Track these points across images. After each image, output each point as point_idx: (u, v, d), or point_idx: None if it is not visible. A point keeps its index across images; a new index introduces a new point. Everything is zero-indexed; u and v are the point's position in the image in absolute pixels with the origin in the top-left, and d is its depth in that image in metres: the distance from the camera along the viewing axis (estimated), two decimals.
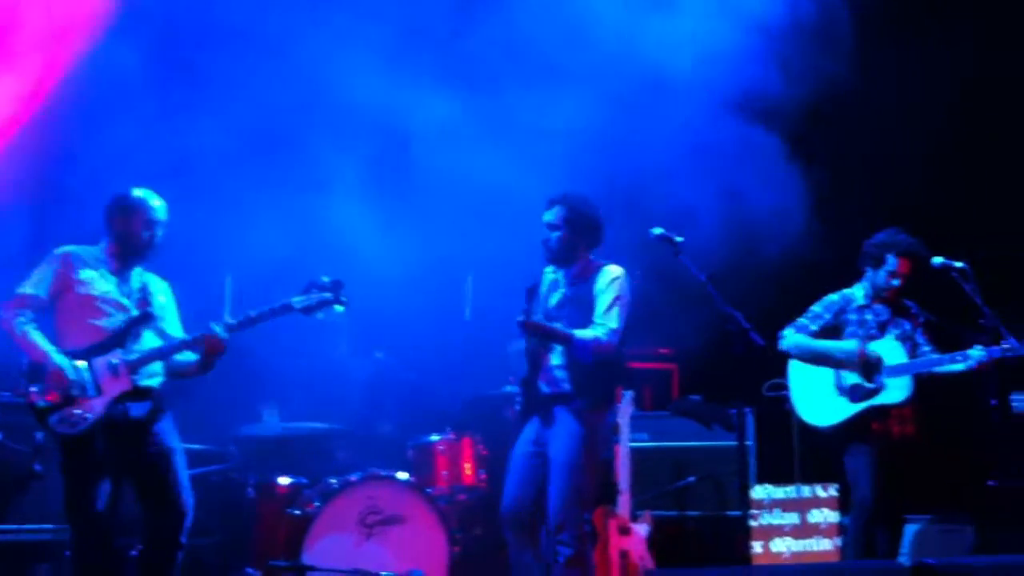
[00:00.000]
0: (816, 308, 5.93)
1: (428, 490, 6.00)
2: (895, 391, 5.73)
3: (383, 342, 6.93)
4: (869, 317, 5.89)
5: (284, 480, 6.14)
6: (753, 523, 6.58)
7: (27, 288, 4.99)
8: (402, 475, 6.00)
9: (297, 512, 5.89)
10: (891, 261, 5.83)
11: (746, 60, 7.01)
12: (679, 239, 5.12)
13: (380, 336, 6.98)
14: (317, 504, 5.79)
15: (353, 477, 5.91)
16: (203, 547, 5.97)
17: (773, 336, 5.78)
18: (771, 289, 6.53)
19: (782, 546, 6.70)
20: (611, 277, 5.26)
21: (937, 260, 5.85)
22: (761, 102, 7.10)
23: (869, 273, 5.90)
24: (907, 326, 5.90)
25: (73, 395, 4.80)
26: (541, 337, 5.17)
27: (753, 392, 6.47)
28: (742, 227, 7.08)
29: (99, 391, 4.84)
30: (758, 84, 7.08)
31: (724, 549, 6.73)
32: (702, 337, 5.61)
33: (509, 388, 6.47)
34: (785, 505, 6.72)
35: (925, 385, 5.84)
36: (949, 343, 5.87)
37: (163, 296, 5.20)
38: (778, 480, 6.74)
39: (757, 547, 6.64)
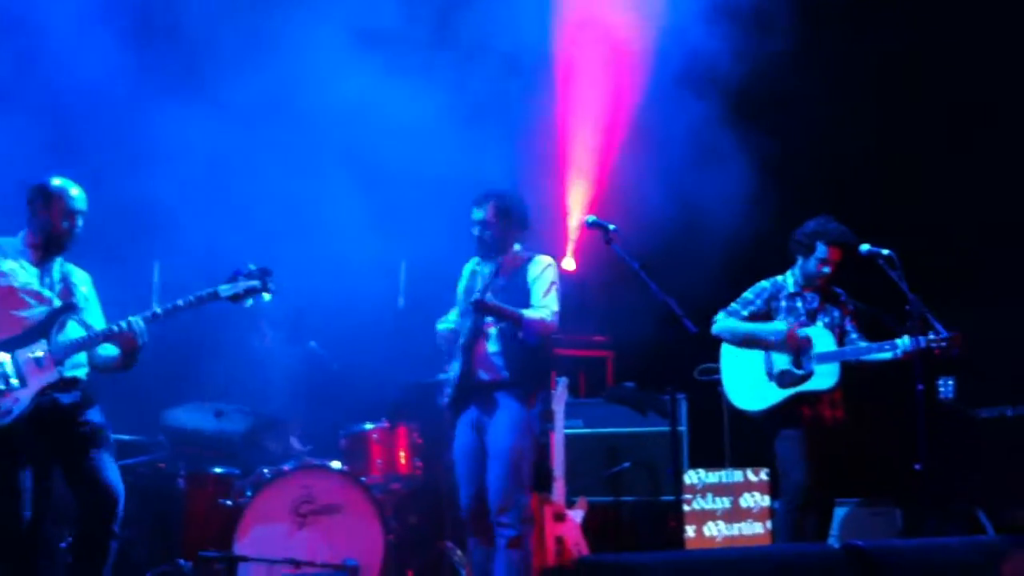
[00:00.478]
0: (747, 294, 5.97)
1: (362, 479, 5.95)
2: (824, 377, 5.80)
3: (316, 331, 6.86)
4: (799, 304, 5.95)
5: (215, 470, 6.06)
6: (686, 508, 6.64)
7: None
8: (336, 464, 5.96)
9: (229, 502, 5.82)
10: (821, 249, 5.88)
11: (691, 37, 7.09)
12: (612, 227, 5.14)
13: (313, 325, 6.91)
14: (249, 494, 5.73)
15: (286, 467, 5.85)
16: (132, 539, 5.87)
17: (709, 323, 5.84)
18: (711, 275, 6.57)
19: (715, 530, 6.77)
20: (544, 265, 5.37)
21: (864, 247, 5.92)
22: (704, 81, 7.18)
23: (800, 261, 5.95)
24: (836, 314, 5.96)
25: None
26: (495, 315, 5.22)
27: (686, 379, 6.53)
28: (684, 212, 7.13)
29: (24, 383, 4.75)
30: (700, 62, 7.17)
31: (658, 534, 6.79)
32: (637, 324, 5.63)
33: (444, 376, 6.44)
34: (717, 490, 6.79)
35: (852, 370, 5.93)
36: (877, 331, 5.97)
37: (85, 287, 5.11)
38: (710, 465, 6.81)
39: (690, 531, 6.71)
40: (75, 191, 5.01)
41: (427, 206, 6.88)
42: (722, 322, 5.89)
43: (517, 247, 5.44)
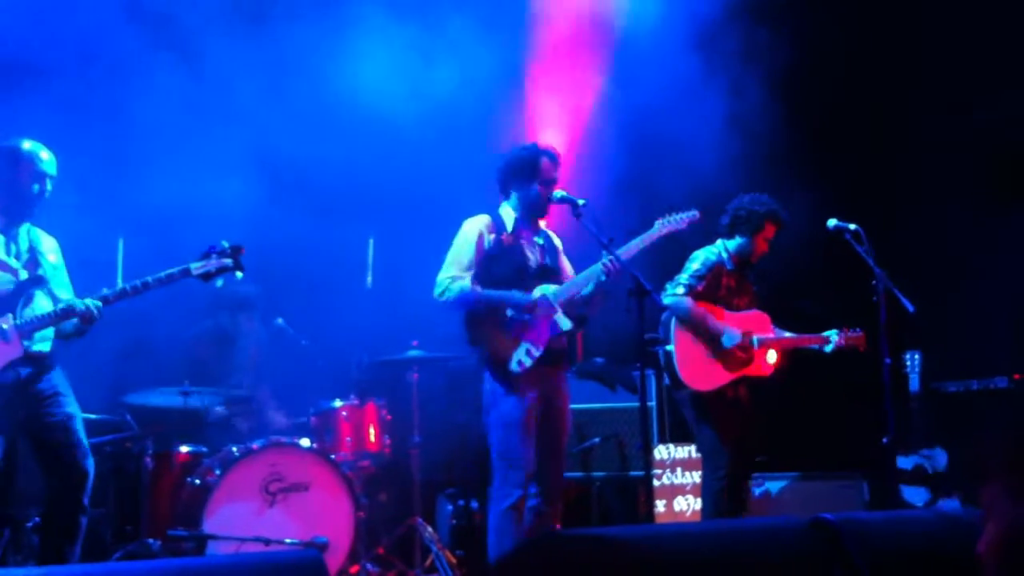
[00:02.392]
0: (698, 268, 5.89)
1: (332, 456, 5.94)
2: (765, 363, 5.93)
3: (283, 308, 6.83)
4: (734, 283, 5.97)
5: (183, 449, 6.02)
6: (656, 483, 6.67)
7: None
8: (305, 442, 5.93)
9: (197, 481, 5.78)
10: (768, 228, 5.89)
11: None
12: (581, 201, 5.10)
13: (280, 302, 6.87)
14: (218, 472, 5.69)
15: (255, 445, 5.81)
16: (99, 518, 5.83)
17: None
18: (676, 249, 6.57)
19: (684, 504, 6.81)
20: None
21: (831, 222, 5.96)
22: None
23: (740, 238, 5.92)
24: (755, 289, 6.06)
25: None
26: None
27: (655, 354, 6.53)
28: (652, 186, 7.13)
29: None
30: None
31: (628, 509, 6.81)
32: (605, 299, 5.61)
33: (413, 352, 6.44)
34: (686, 464, 6.83)
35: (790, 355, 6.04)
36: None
37: (53, 255, 5.03)
38: (679, 440, 6.84)
39: (660, 506, 6.74)
40: (45, 154, 4.92)
41: (395, 184, 6.85)
42: (679, 299, 5.84)
43: None
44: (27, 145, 4.91)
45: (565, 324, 5.16)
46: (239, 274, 5.01)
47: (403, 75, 6.97)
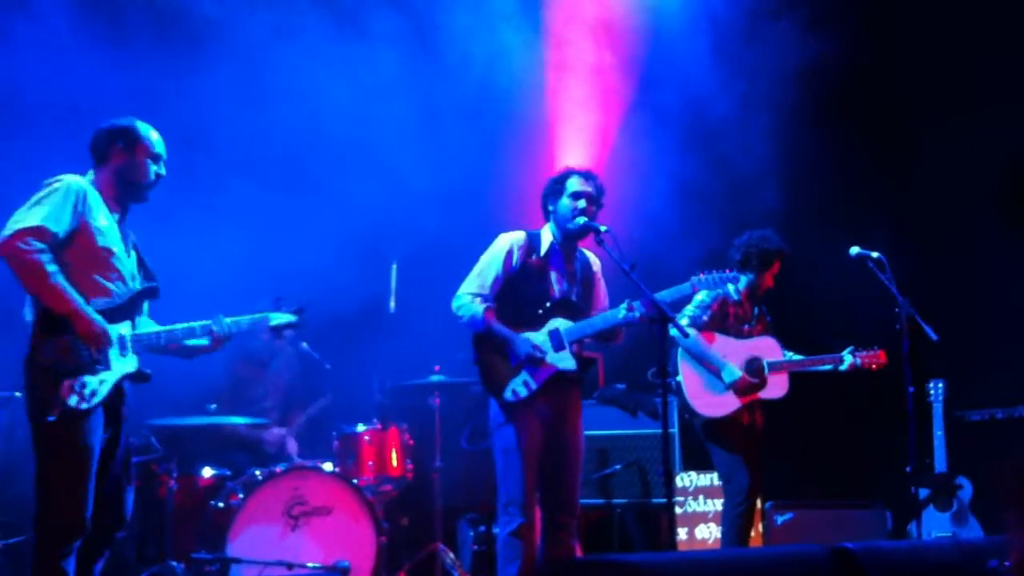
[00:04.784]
0: (704, 298, 6.01)
1: (354, 480, 5.96)
2: (776, 388, 5.99)
3: (307, 332, 6.85)
4: (743, 312, 6.10)
5: (207, 472, 6.06)
6: (678, 510, 6.66)
7: (47, 221, 4.15)
8: (327, 466, 5.96)
9: (221, 504, 5.82)
10: (775, 265, 6.06)
11: None
12: (604, 228, 5.09)
13: (304, 326, 6.89)
14: (241, 496, 5.73)
15: (278, 468, 5.85)
16: (122, 539, 5.83)
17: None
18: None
19: (706, 532, 6.79)
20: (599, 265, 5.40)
21: (854, 250, 6.02)
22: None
23: (750, 274, 6.05)
24: (769, 320, 6.20)
25: (95, 361, 4.16)
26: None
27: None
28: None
29: (108, 366, 4.23)
30: None
31: (649, 536, 6.79)
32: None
33: (435, 377, 6.46)
34: (708, 492, 6.81)
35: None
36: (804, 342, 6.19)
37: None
38: (702, 468, 6.82)
39: (682, 534, 6.72)
40: (155, 134, 4.49)
41: (419, 208, 6.89)
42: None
43: None
44: (141, 124, 4.48)
45: (566, 364, 5.13)
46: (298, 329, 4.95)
47: (422, 98, 7.00)
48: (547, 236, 5.30)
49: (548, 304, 5.18)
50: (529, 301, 5.18)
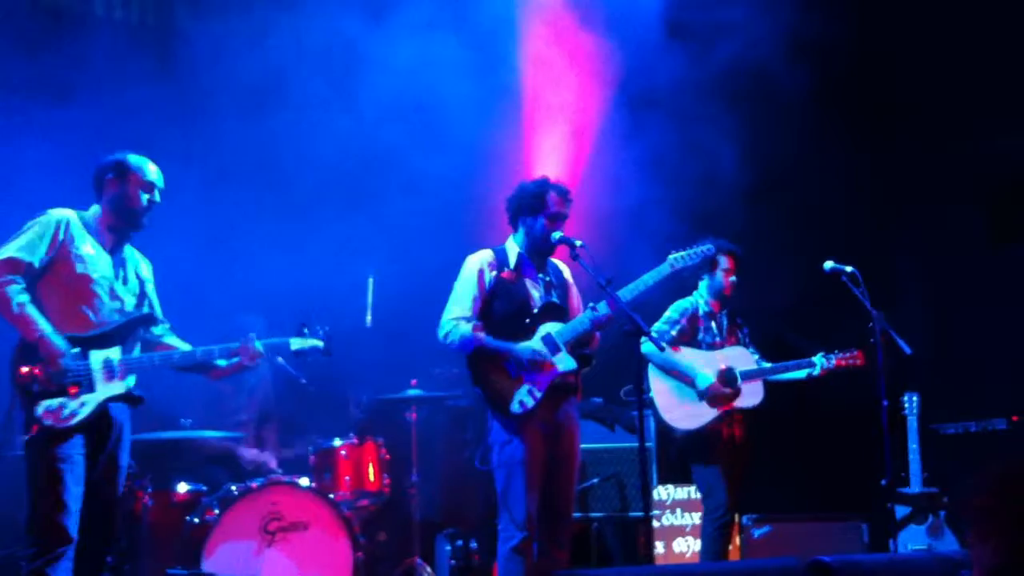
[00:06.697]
0: (673, 314, 6.13)
1: (331, 496, 5.93)
2: (750, 396, 6.04)
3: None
4: (714, 325, 6.15)
5: (182, 487, 6.01)
6: (656, 524, 6.67)
7: (20, 252, 4.40)
8: (304, 481, 5.93)
9: (196, 520, 5.77)
10: (722, 260, 6.12)
11: None
12: (579, 243, 5.10)
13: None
14: (217, 511, 5.69)
15: (254, 484, 5.81)
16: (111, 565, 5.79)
17: None
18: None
19: (684, 546, 6.80)
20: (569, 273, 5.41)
21: (828, 264, 6.07)
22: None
23: (706, 280, 6.17)
24: (746, 331, 6.27)
25: (65, 384, 4.33)
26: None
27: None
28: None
29: (92, 388, 4.41)
30: None
31: (627, 550, 6.80)
32: (604, 339, 5.63)
33: (412, 391, 6.44)
34: (686, 505, 6.82)
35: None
36: (782, 351, 6.27)
37: (150, 283, 4.81)
38: (679, 481, 6.83)
39: (660, 547, 6.73)
40: (152, 166, 4.71)
41: (395, 222, 6.88)
42: (652, 346, 5.88)
43: None
44: (134, 156, 4.71)
45: (566, 365, 5.15)
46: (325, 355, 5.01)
47: (401, 111, 7.00)
48: (513, 248, 5.32)
49: (535, 311, 5.20)
50: (513, 315, 5.19)
